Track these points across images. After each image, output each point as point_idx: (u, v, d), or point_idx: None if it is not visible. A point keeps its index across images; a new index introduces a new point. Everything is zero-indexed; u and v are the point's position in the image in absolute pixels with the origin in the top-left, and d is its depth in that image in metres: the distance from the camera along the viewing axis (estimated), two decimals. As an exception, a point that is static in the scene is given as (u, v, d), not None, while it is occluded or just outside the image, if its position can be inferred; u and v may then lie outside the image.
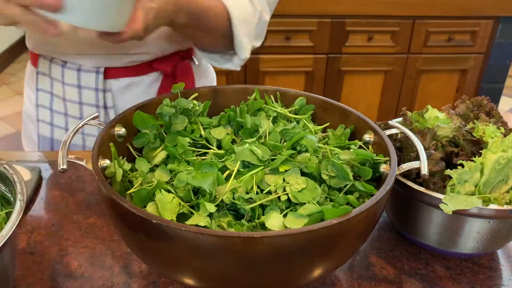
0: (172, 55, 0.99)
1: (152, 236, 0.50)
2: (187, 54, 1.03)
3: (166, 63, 0.98)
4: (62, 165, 0.56)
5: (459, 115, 0.78)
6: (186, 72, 1.01)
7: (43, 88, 0.99)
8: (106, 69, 0.94)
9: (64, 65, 0.95)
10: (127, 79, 0.96)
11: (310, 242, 0.49)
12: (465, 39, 2.28)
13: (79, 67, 0.94)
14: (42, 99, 0.99)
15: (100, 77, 0.94)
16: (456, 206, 0.61)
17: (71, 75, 0.95)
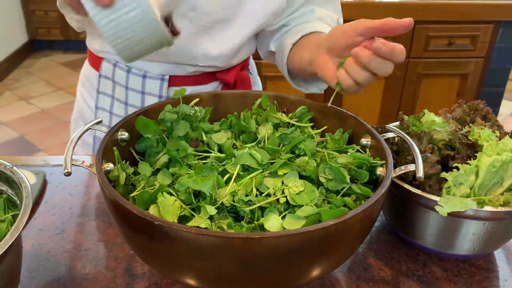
0: (235, 66, 1.00)
1: (154, 237, 0.52)
2: (246, 64, 1.04)
3: (229, 74, 0.99)
4: (67, 169, 0.58)
5: (455, 119, 0.79)
6: (245, 81, 1.03)
7: (104, 91, 1.00)
8: (170, 77, 0.96)
9: (129, 71, 0.96)
10: (189, 87, 0.97)
11: (307, 243, 0.50)
12: (466, 43, 2.29)
13: (144, 74, 0.95)
14: (102, 102, 1.01)
15: (164, 84, 0.95)
16: (451, 208, 0.62)
17: (136, 81, 0.96)
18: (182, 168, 0.64)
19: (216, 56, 0.93)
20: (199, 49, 0.91)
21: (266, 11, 0.91)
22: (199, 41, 0.90)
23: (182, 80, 0.97)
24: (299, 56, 0.87)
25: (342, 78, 0.69)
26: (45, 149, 2.98)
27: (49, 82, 3.93)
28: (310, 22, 0.92)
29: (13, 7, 4.20)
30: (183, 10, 0.86)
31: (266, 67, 2.23)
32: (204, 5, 0.86)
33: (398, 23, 0.64)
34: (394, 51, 0.64)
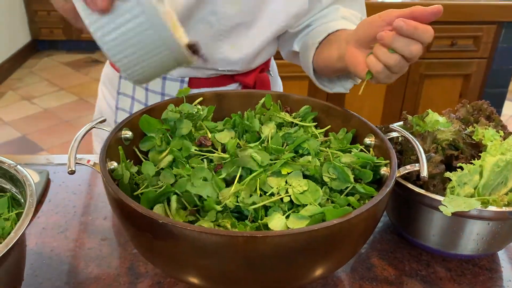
0: (254, 69, 1.00)
1: (158, 236, 0.52)
2: (265, 66, 1.04)
3: (249, 77, 0.99)
4: (71, 167, 0.58)
5: (459, 119, 0.79)
6: (264, 83, 1.02)
7: (124, 92, 1.01)
8: (190, 79, 0.96)
9: None
10: (207, 89, 0.97)
11: (311, 242, 0.50)
12: (468, 44, 2.29)
13: (164, 76, 0.96)
14: (122, 102, 1.02)
15: (184, 86, 0.96)
16: (455, 208, 0.62)
17: (156, 82, 0.96)
18: (185, 168, 0.64)
19: (235, 61, 0.93)
20: (219, 54, 0.91)
21: (287, 14, 0.90)
22: (218, 45, 0.90)
23: (201, 82, 0.97)
24: (327, 53, 0.86)
25: (372, 64, 0.68)
26: (48, 149, 2.98)
27: (52, 82, 3.94)
28: (335, 20, 0.91)
29: (15, 7, 4.21)
30: (203, 15, 0.86)
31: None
32: (224, 9, 0.86)
33: (426, 11, 0.62)
34: (417, 29, 0.62)
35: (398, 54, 0.65)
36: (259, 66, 1.00)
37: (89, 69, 4.17)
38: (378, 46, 0.67)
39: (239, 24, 0.89)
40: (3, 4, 3.97)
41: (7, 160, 0.62)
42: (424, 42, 0.63)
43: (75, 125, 3.26)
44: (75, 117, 3.38)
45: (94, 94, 4.12)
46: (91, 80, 3.97)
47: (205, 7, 0.85)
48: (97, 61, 4.34)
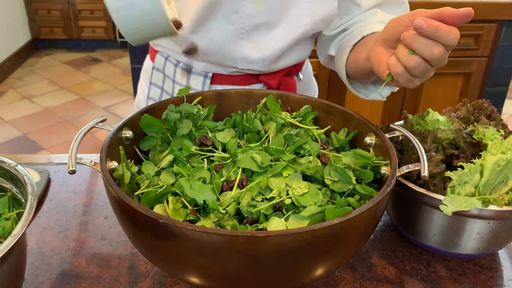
0: (279, 70, 0.99)
1: (158, 235, 0.52)
2: (294, 70, 1.03)
3: (273, 78, 0.98)
4: (71, 167, 0.58)
5: (459, 118, 0.79)
6: (289, 86, 1.02)
7: (155, 83, 1.03)
8: (213, 75, 0.96)
9: (177, 65, 0.98)
10: (230, 86, 0.97)
11: (312, 242, 0.50)
12: (469, 42, 2.28)
13: (189, 69, 0.97)
14: (153, 92, 1.04)
15: (207, 81, 0.96)
16: (456, 207, 0.62)
17: (182, 75, 0.98)
18: (185, 168, 0.64)
19: (256, 60, 0.92)
20: (239, 52, 0.91)
21: (313, 18, 0.89)
22: (239, 44, 0.90)
23: (225, 79, 0.97)
24: (357, 55, 0.85)
25: (392, 65, 0.65)
26: (48, 148, 2.98)
27: (52, 81, 3.94)
28: (372, 24, 0.89)
29: (16, 6, 4.21)
30: (225, 12, 0.86)
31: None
32: (247, 8, 0.86)
33: (455, 13, 0.58)
34: (438, 29, 0.58)
35: (419, 56, 0.61)
36: (285, 68, 0.99)
37: (89, 68, 4.17)
38: (400, 47, 0.64)
39: (261, 24, 0.89)
40: (3, 3, 3.96)
41: (8, 160, 0.62)
42: (447, 44, 0.60)
43: (75, 124, 3.26)
44: (76, 116, 3.38)
45: (94, 93, 4.11)
46: (91, 79, 3.97)
47: (226, 5, 0.85)
48: (97, 60, 4.34)
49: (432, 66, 0.63)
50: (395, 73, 0.65)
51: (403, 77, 0.65)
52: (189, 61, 0.97)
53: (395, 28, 0.66)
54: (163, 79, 1.02)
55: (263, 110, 0.77)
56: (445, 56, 0.61)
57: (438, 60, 0.61)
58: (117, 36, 4.46)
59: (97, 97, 3.66)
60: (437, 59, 0.61)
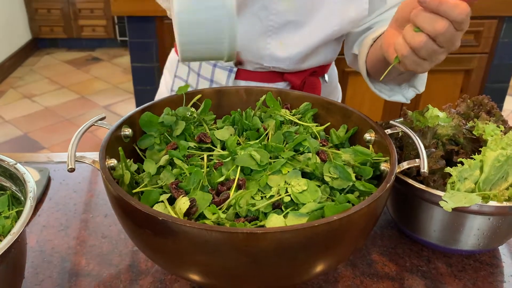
0: (304, 70, 0.98)
1: (158, 233, 0.52)
2: (319, 71, 1.02)
3: (297, 76, 0.98)
4: (70, 165, 0.58)
5: (459, 114, 0.79)
6: (314, 87, 1.01)
7: (180, 76, 1.04)
8: (239, 70, 0.96)
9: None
10: (255, 83, 0.97)
11: (311, 238, 0.50)
12: (469, 39, 2.28)
13: (215, 63, 0.97)
14: (177, 85, 1.04)
15: (232, 76, 0.96)
16: (456, 203, 0.62)
17: (207, 69, 0.98)
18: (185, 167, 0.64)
19: (282, 59, 0.92)
20: (266, 50, 0.91)
21: (343, 19, 0.88)
22: (266, 41, 0.90)
23: (249, 75, 0.97)
24: (376, 48, 0.82)
25: (398, 46, 0.62)
26: (49, 147, 2.98)
27: (52, 80, 3.94)
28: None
29: (16, 5, 4.21)
30: (255, 9, 0.86)
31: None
32: (276, 5, 0.86)
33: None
34: (441, 3, 0.55)
35: (424, 33, 0.58)
36: (311, 68, 0.98)
37: (90, 67, 4.17)
38: (407, 27, 0.60)
39: (289, 22, 0.88)
40: (3, 2, 3.96)
41: (7, 158, 0.62)
42: (453, 19, 0.56)
43: (76, 123, 3.26)
44: (76, 115, 3.38)
45: (95, 92, 4.10)
46: (92, 78, 3.97)
47: (257, 1, 0.85)
48: (97, 58, 4.34)
49: (441, 48, 0.59)
50: (401, 54, 0.62)
51: (409, 59, 0.61)
52: None
53: (405, 9, 0.63)
54: (187, 72, 1.02)
55: (263, 107, 0.77)
56: (452, 34, 0.57)
57: (443, 37, 0.57)
58: (117, 35, 4.46)
59: (97, 96, 3.66)
60: (443, 36, 0.57)
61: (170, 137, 0.71)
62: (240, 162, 0.63)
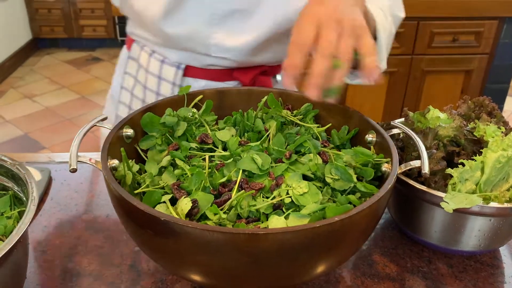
0: (253, 68, 0.98)
1: (160, 233, 0.52)
2: (270, 71, 1.01)
3: (246, 75, 0.97)
4: (72, 165, 0.58)
5: (460, 115, 0.79)
6: (265, 86, 0.99)
7: (130, 72, 1.03)
8: (187, 67, 0.96)
9: (151, 54, 0.98)
10: (204, 81, 0.97)
11: (313, 239, 0.50)
12: (470, 39, 2.28)
13: (163, 59, 0.97)
14: (127, 82, 1.04)
15: (179, 72, 0.96)
16: (457, 204, 0.62)
17: (155, 65, 0.98)
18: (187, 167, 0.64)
19: (229, 48, 0.91)
20: (213, 39, 0.90)
21: (288, 8, 0.87)
22: (213, 30, 0.89)
23: (198, 72, 0.96)
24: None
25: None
26: (50, 147, 2.99)
27: (53, 80, 3.94)
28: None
29: (16, 6, 4.21)
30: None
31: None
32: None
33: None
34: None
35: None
36: (261, 66, 0.98)
37: (90, 67, 4.17)
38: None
39: (236, 10, 0.87)
40: (3, 2, 3.97)
41: (9, 159, 0.62)
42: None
43: (76, 123, 3.27)
44: (77, 115, 3.38)
45: (95, 92, 4.10)
46: (92, 78, 3.97)
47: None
48: (98, 58, 4.34)
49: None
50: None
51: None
52: (163, 51, 0.96)
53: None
54: (137, 69, 1.01)
55: (264, 108, 0.77)
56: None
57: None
58: (118, 35, 4.46)
59: (98, 96, 3.66)
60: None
61: (172, 137, 0.71)
62: (242, 166, 0.63)
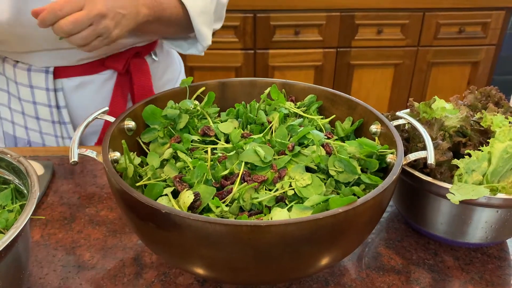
0: (124, 52, 0.98)
1: (161, 226, 0.51)
2: (143, 50, 1.01)
3: (118, 61, 0.97)
4: (73, 158, 0.58)
5: (467, 106, 0.78)
6: (141, 69, 1.00)
7: (1, 87, 1.00)
8: (56, 69, 0.94)
9: (15, 65, 0.95)
10: (78, 78, 0.96)
11: (316, 231, 0.49)
12: (477, 30, 2.25)
13: (29, 67, 0.94)
14: (1, 97, 1.01)
15: (50, 76, 0.94)
16: (463, 195, 0.61)
17: (22, 75, 0.95)
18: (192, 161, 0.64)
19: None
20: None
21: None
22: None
23: (69, 71, 0.95)
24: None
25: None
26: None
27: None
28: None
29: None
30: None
31: (273, 57, 2.21)
32: None
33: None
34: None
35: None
36: (132, 50, 0.98)
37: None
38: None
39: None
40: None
41: (10, 152, 0.62)
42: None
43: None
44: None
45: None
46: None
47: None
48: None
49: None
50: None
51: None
52: (27, 58, 0.93)
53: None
54: (6, 82, 0.98)
55: (267, 100, 0.77)
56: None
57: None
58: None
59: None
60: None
61: (174, 130, 0.71)
62: (244, 158, 0.62)
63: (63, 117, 0.98)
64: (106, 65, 0.97)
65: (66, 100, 0.98)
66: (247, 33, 2.16)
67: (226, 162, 0.63)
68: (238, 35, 2.16)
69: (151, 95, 0.93)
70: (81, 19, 0.73)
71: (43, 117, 0.98)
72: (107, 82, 0.99)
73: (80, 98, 0.98)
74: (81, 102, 0.98)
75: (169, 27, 0.93)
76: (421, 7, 2.17)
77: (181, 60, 1.20)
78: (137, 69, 0.99)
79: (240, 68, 2.23)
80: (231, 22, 2.13)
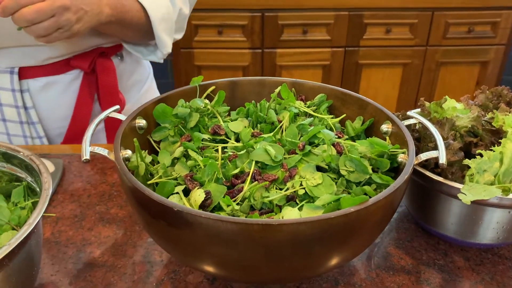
0: (90, 52, 0.97)
1: (173, 224, 0.52)
2: (109, 51, 1.01)
3: (84, 60, 0.97)
4: (85, 156, 0.58)
5: (478, 105, 0.77)
6: (107, 69, 1.00)
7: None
8: (21, 69, 0.94)
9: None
10: (44, 78, 0.96)
11: (327, 230, 0.49)
12: (486, 30, 2.24)
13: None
14: None
15: (15, 77, 0.93)
16: (475, 196, 0.60)
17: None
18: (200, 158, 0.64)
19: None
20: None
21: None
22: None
23: (34, 71, 0.94)
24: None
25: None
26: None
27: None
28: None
29: None
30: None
31: (281, 57, 2.21)
32: None
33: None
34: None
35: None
36: (98, 49, 0.98)
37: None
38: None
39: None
40: None
41: (23, 150, 0.62)
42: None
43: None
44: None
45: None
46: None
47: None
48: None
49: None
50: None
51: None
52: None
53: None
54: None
55: (277, 99, 0.77)
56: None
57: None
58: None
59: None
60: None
61: (184, 129, 0.71)
62: (255, 157, 0.62)
63: (31, 117, 0.98)
64: (71, 64, 0.97)
65: (33, 100, 0.97)
66: (255, 32, 2.16)
67: (237, 161, 0.64)
68: (246, 34, 2.16)
69: (117, 95, 0.95)
70: (45, 8, 0.73)
71: (9, 118, 0.97)
72: (74, 82, 0.99)
73: (47, 98, 0.98)
74: (48, 102, 0.98)
75: (130, 30, 0.94)
76: (430, 7, 2.16)
77: (149, 63, 1.20)
78: (102, 68, 0.99)
79: (248, 67, 2.23)
80: (239, 21, 2.13)
